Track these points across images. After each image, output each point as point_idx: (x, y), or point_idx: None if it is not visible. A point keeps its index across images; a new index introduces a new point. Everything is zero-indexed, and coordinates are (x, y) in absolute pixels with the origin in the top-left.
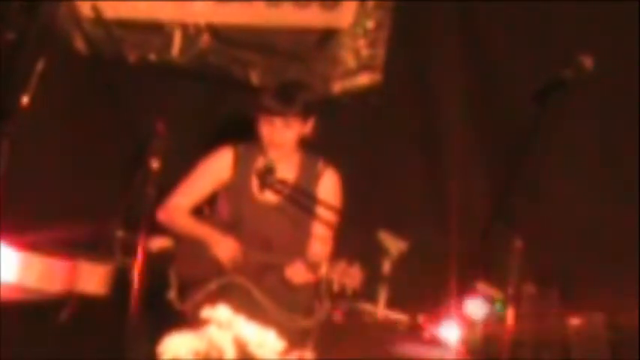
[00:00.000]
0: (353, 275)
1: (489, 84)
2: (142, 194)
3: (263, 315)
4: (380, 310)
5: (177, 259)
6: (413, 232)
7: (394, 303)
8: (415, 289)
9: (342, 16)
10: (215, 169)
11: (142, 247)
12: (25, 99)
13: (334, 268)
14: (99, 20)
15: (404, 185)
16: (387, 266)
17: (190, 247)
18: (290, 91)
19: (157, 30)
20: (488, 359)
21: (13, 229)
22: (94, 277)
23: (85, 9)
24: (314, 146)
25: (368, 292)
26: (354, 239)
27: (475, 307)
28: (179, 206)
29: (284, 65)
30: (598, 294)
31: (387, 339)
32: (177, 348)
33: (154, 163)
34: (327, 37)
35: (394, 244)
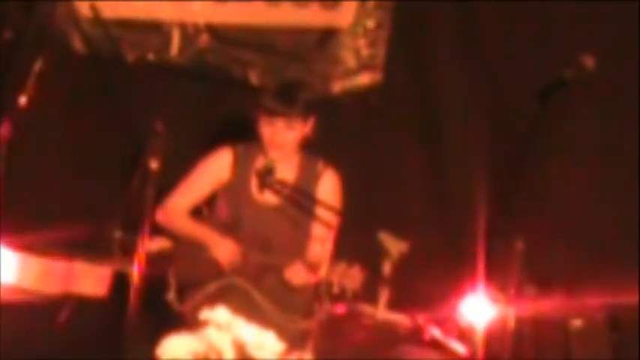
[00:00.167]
0: (353, 276)
1: (490, 84)
2: (140, 195)
3: (262, 316)
4: (380, 312)
5: (176, 260)
6: (413, 233)
7: (395, 304)
8: (416, 290)
9: (342, 16)
10: (214, 169)
11: (141, 248)
12: (23, 99)
13: (334, 269)
14: (97, 20)
15: (404, 186)
16: (387, 267)
17: (189, 249)
18: (291, 92)
19: (155, 29)
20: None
21: (10, 229)
22: (92, 279)
23: (84, 8)
24: (314, 146)
25: (368, 294)
26: (354, 240)
27: (474, 308)
28: (178, 207)
29: (284, 65)
30: (599, 294)
31: (388, 341)
32: (176, 349)
33: (152, 163)
34: (327, 36)
35: (394, 245)
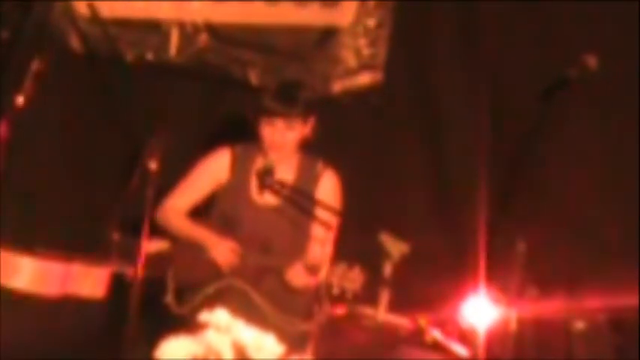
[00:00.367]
0: (353, 278)
1: (491, 83)
2: (139, 195)
3: (262, 319)
4: (381, 314)
5: (174, 261)
6: (414, 234)
7: (395, 306)
8: (416, 291)
9: (343, 15)
10: (213, 169)
11: (140, 249)
12: (20, 99)
13: (334, 270)
14: (95, 19)
15: (405, 186)
16: (388, 269)
17: (188, 250)
18: (291, 92)
19: (154, 29)
20: None
21: (8, 230)
22: (90, 280)
23: (81, 7)
24: (314, 147)
25: (368, 296)
26: (354, 241)
27: (476, 310)
28: (176, 207)
29: (283, 64)
30: (601, 296)
31: (388, 342)
32: (175, 352)
33: (151, 163)
34: (327, 36)
35: (395, 246)
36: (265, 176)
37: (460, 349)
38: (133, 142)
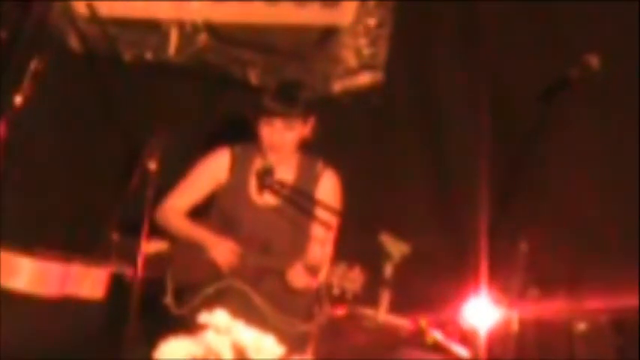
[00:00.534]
0: (353, 279)
1: (492, 83)
2: (138, 196)
3: (262, 320)
4: (381, 315)
5: (173, 262)
6: (415, 234)
7: (396, 307)
8: (417, 292)
9: (343, 15)
10: (212, 170)
11: (139, 249)
12: (18, 99)
13: (334, 271)
14: (94, 18)
15: (406, 186)
16: (388, 270)
17: (187, 251)
18: (291, 92)
19: (153, 28)
20: None
21: (6, 230)
22: (89, 281)
23: (80, 7)
24: (314, 147)
25: (369, 296)
26: (354, 242)
27: (477, 311)
28: (176, 208)
29: (283, 64)
30: (603, 297)
31: (389, 344)
32: (174, 353)
33: (150, 164)
34: (328, 35)
35: (396, 246)
36: (265, 176)
37: (461, 350)
38: (132, 142)
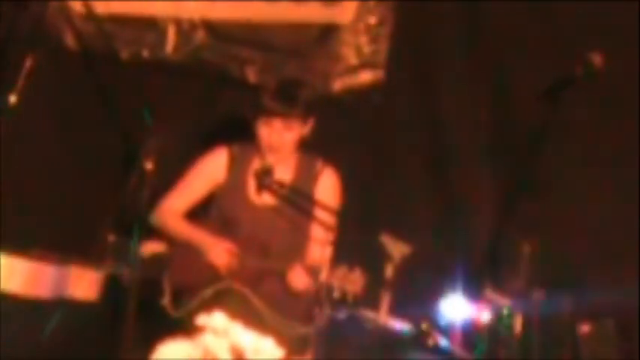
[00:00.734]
0: (354, 280)
1: (494, 81)
2: (134, 197)
3: (260, 322)
4: (382, 317)
5: (171, 264)
6: (416, 235)
7: (397, 309)
8: (418, 294)
9: (343, 12)
10: (209, 170)
11: (135, 251)
12: (13, 97)
13: (335, 273)
14: (90, 16)
15: (407, 186)
16: (389, 271)
17: (185, 252)
18: (290, 91)
19: (150, 26)
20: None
21: (1, 232)
22: (84, 283)
23: (76, 5)
24: (313, 147)
25: (370, 298)
26: (355, 243)
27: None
28: (173, 209)
29: (282, 62)
30: (609, 298)
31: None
32: (172, 356)
33: (147, 164)
34: (328, 32)
35: (397, 247)
36: (264, 176)
37: (462, 352)
38: (128, 141)
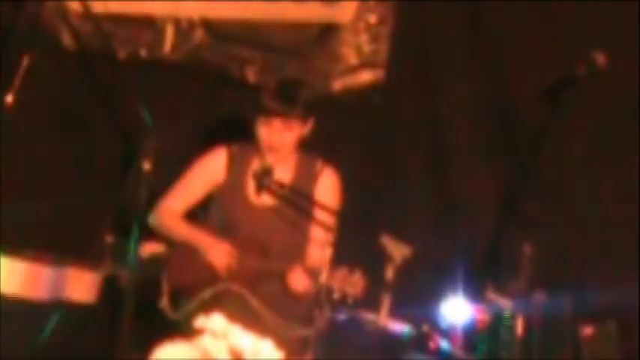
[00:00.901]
0: (354, 282)
1: (496, 80)
2: (132, 197)
3: (260, 324)
4: (382, 319)
5: (169, 265)
6: (417, 236)
7: (397, 311)
8: (419, 296)
9: (343, 12)
10: (208, 170)
11: (133, 252)
12: (10, 97)
13: (335, 274)
14: (87, 15)
15: (408, 187)
16: (390, 272)
17: (183, 253)
18: (290, 91)
19: (148, 25)
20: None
21: None
22: (82, 284)
23: (73, 3)
24: (313, 147)
25: (370, 300)
26: (355, 244)
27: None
28: (171, 209)
29: (282, 62)
30: (610, 300)
31: (390, 349)
32: (170, 358)
33: (145, 164)
34: (327, 32)
35: (397, 249)
36: (263, 177)
37: (464, 354)
38: (126, 141)
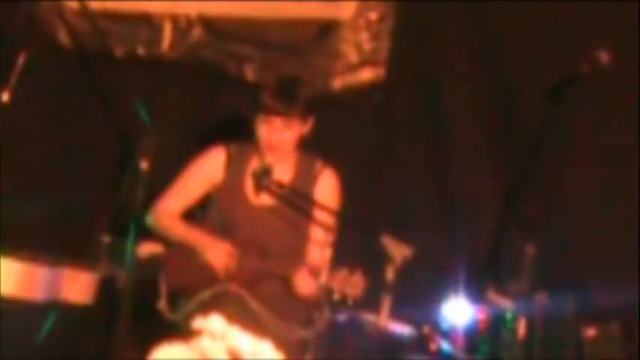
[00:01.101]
0: (354, 283)
1: (498, 79)
2: (130, 197)
3: (259, 325)
4: (383, 320)
5: (167, 265)
6: (418, 237)
7: (398, 312)
8: (420, 297)
9: (343, 9)
10: (206, 169)
11: (130, 253)
12: (5, 96)
13: (335, 276)
14: (84, 12)
15: (408, 187)
16: (390, 273)
17: (181, 254)
18: (290, 89)
19: (145, 22)
20: None
21: None
22: (78, 285)
23: (70, 1)
24: (313, 146)
25: (370, 301)
26: (355, 245)
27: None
28: (169, 209)
29: (281, 60)
30: (614, 301)
31: (391, 351)
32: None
33: (142, 163)
34: (327, 29)
35: (398, 249)
36: (262, 177)
37: (465, 356)
38: (123, 140)
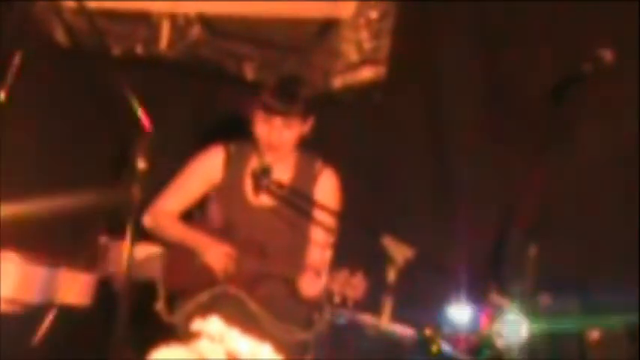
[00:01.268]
0: (355, 285)
1: (499, 78)
2: (127, 197)
3: (258, 327)
4: (384, 322)
5: (165, 267)
6: (420, 237)
7: (399, 314)
8: (421, 299)
9: (343, 7)
10: (205, 169)
11: (127, 254)
12: (1, 94)
13: (335, 277)
14: (81, 10)
15: (410, 188)
16: (391, 275)
17: (179, 255)
18: (290, 88)
19: (143, 21)
20: None
21: None
22: (76, 287)
23: None
24: (313, 146)
25: (371, 303)
26: (356, 246)
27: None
28: (167, 210)
29: (281, 59)
30: (617, 303)
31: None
32: None
33: (140, 163)
34: (327, 28)
35: (399, 250)
36: (262, 177)
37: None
38: (121, 140)
